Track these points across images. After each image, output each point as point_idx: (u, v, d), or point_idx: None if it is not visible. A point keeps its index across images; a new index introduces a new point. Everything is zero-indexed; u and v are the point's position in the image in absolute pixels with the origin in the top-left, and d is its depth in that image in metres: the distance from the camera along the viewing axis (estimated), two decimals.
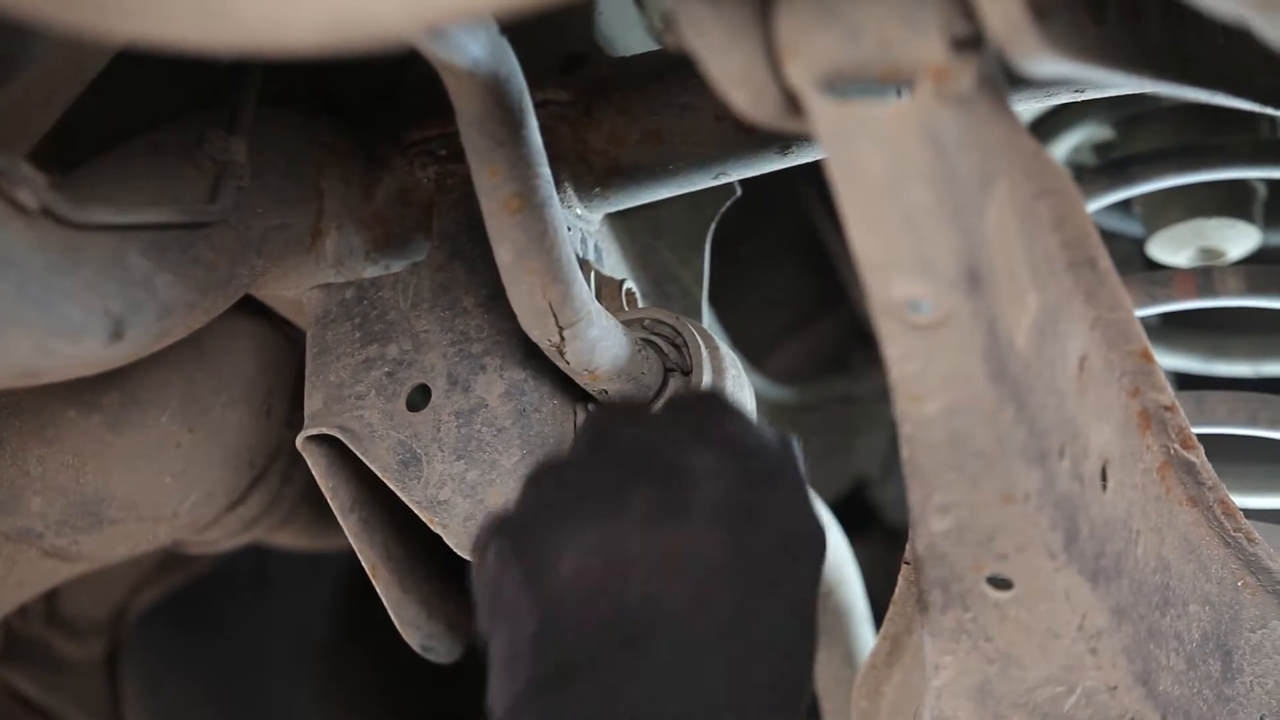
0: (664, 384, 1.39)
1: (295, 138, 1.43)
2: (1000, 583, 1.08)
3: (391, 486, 1.36)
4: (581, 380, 1.34)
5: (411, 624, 1.46)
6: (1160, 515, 1.21)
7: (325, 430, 1.38)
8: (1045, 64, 0.88)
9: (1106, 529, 1.11)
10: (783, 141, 1.41)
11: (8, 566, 1.57)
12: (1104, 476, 1.11)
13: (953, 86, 0.88)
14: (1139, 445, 1.19)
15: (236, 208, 1.31)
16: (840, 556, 1.97)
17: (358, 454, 1.37)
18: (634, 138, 1.44)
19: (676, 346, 1.40)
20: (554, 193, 1.26)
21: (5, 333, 1.06)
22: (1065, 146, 1.89)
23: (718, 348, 1.39)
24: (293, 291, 1.47)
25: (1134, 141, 1.88)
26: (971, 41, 0.88)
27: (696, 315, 1.66)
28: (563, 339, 1.28)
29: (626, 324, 1.38)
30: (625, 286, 1.45)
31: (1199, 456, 1.23)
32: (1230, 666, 1.27)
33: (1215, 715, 1.24)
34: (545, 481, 1.09)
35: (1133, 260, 1.90)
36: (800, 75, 0.88)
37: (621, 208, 1.49)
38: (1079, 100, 1.38)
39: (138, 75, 1.26)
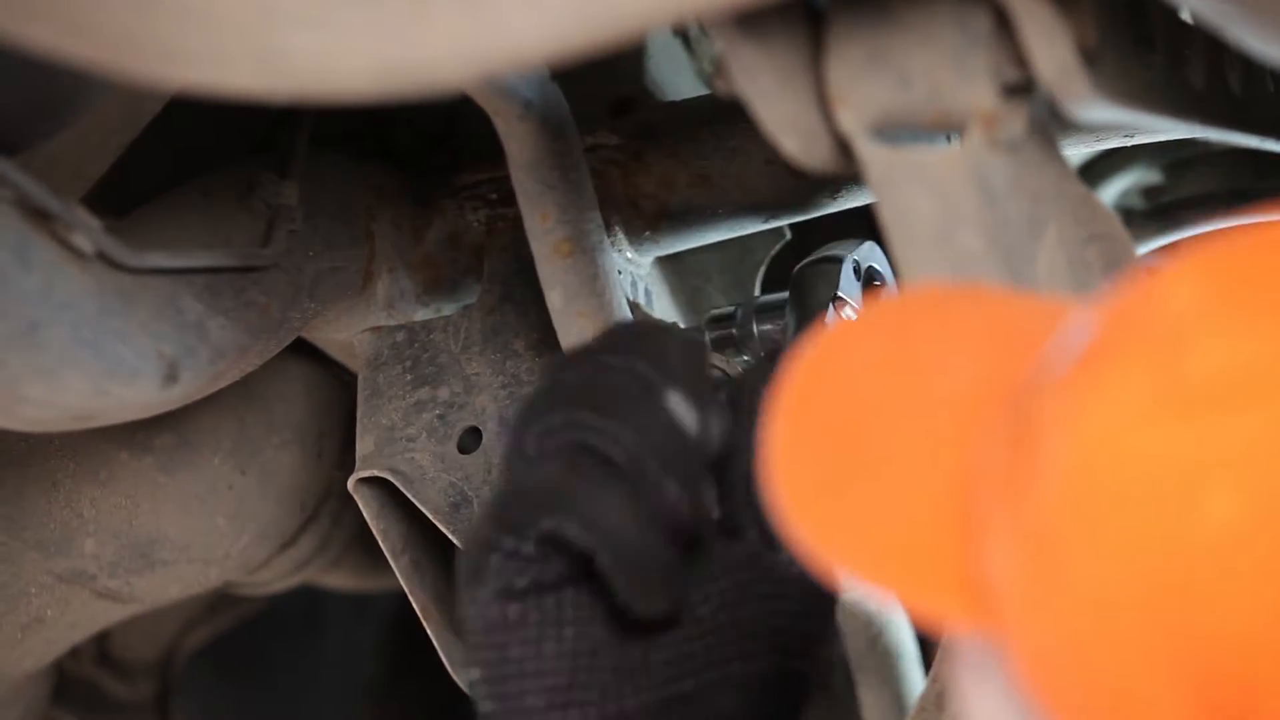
0: None
1: (346, 182, 1.44)
2: None
3: (442, 528, 1.36)
4: None
5: (462, 665, 1.46)
6: None
7: (376, 473, 1.38)
8: (1095, 109, 0.88)
9: None
10: (833, 185, 1.41)
11: (61, 608, 1.58)
12: None
13: (1003, 132, 0.88)
14: None
15: (288, 251, 1.31)
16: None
17: (409, 496, 1.37)
18: (684, 181, 1.43)
19: None
20: (604, 237, 1.26)
21: (60, 375, 1.06)
22: (1114, 190, 1.88)
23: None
24: (344, 334, 1.48)
25: (1183, 186, 1.88)
26: (1022, 88, 0.88)
27: None
28: None
29: None
30: None
31: None
32: None
33: None
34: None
35: None
36: (851, 122, 0.89)
37: (671, 251, 1.49)
38: (1128, 145, 1.38)
39: (191, 120, 1.27)
